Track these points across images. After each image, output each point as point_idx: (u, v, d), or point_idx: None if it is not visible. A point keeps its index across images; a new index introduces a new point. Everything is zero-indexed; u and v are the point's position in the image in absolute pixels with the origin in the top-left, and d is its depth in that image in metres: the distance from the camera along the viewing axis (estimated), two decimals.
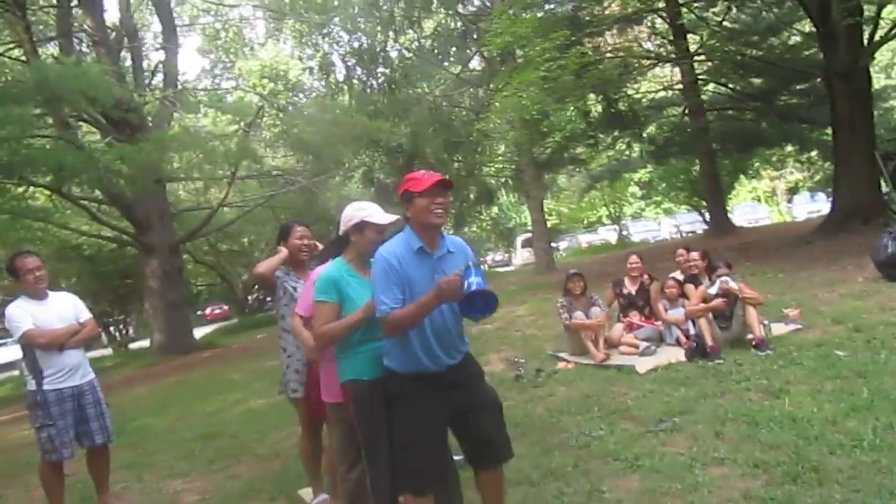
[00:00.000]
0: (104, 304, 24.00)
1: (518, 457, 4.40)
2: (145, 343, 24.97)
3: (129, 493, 5.50)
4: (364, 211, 3.41)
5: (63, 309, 4.94)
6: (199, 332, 20.49)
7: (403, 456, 3.11)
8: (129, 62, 18.50)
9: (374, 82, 23.44)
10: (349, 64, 24.38)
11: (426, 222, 3.05)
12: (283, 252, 4.29)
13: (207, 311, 39.08)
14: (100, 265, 22.90)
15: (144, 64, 19.55)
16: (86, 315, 5.05)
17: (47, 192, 15.92)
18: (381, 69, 23.30)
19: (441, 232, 3.15)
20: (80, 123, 17.32)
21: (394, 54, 23.69)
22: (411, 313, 2.97)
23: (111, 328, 25.74)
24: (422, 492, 3.14)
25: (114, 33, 18.11)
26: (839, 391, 4.59)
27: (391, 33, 22.49)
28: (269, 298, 33.03)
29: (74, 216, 19.47)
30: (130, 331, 28.38)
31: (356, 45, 23.40)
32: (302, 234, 4.28)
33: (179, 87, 18.06)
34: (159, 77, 20.10)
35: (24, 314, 4.73)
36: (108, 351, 24.10)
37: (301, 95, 29.52)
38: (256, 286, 32.13)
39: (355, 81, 24.02)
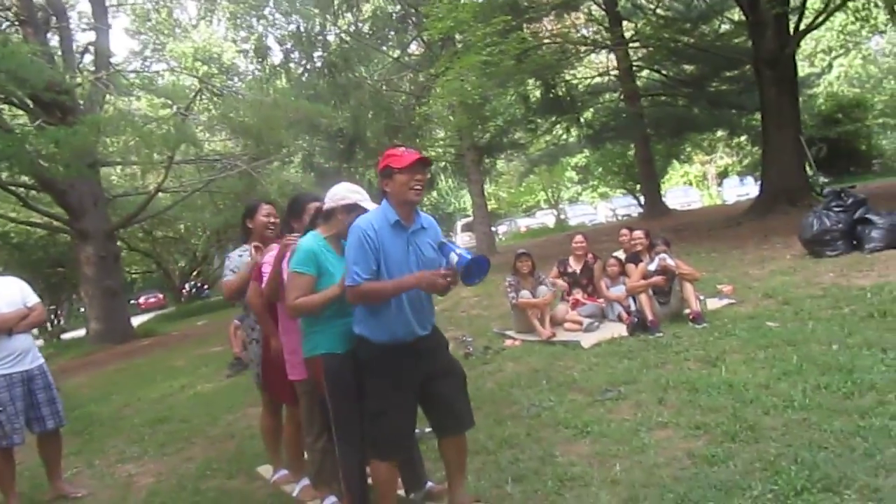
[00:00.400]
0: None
1: (474, 428, 4.58)
2: (77, 333, 24.35)
3: (80, 478, 5.47)
4: (358, 195, 3.46)
5: (10, 293, 4.86)
6: (134, 321, 20.05)
7: (375, 424, 3.22)
8: (55, 42, 17.92)
9: (312, 66, 23.18)
10: (286, 47, 24.06)
11: (405, 199, 3.16)
12: (246, 271, 4.30)
13: (141, 299, 38.13)
14: (29, 253, 22.21)
15: (73, 45, 18.91)
16: (34, 299, 4.98)
17: None
18: (318, 53, 23.05)
19: (416, 208, 3.26)
20: (3, 106, 16.75)
21: (331, 38, 23.45)
22: (387, 289, 3.10)
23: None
24: (389, 457, 3.27)
25: (40, 12, 17.45)
26: (771, 358, 4.90)
27: (329, 17, 22.23)
28: (206, 287, 32.60)
29: (0, 203, 18.83)
30: (62, 321, 27.60)
31: (293, 27, 23.09)
32: (268, 212, 4.36)
33: (112, 69, 17.53)
34: (88, 58, 19.54)
35: None
36: (40, 341, 23.39)
37: (236, 79, 28.98)
38: (199, 280, 31.81)
39: (293, 65, 23.73)
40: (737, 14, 17.60)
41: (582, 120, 23.23)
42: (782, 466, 3.21)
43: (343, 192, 3.47)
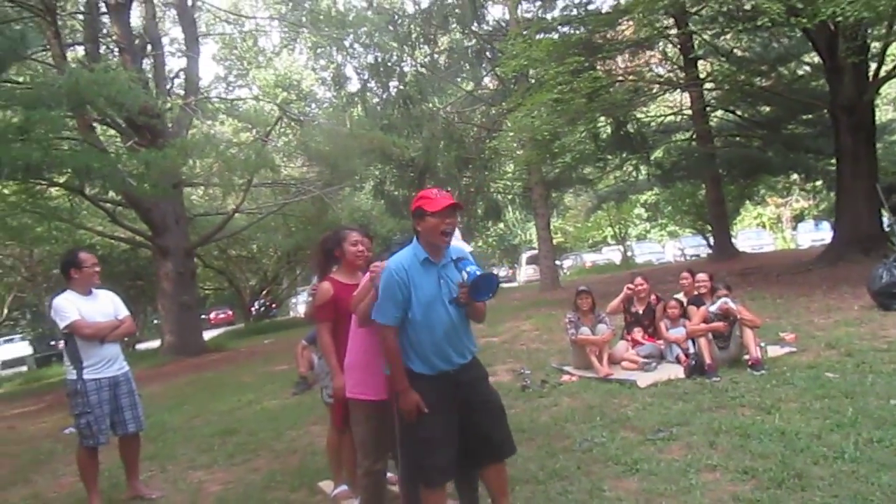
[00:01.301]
0: None
1: (525, 458, 4.77)
2: (151, 344, 25.35)
3: (154, 481, 5.82)
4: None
5: (104, 304, 5.30)
6: (205, 336, 20.82)
7: (423, 452, 3.43)
8: (147, 67, 19.00)
9: (388, 96, 23.87)
10: (363, 77, 24.86)
11: (434, 241, 3.39)
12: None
13: (212, 315, 39.43)
14: (112, 265, 23.29)
15: (164, 70, 20.00)
16: (124, 312, 5.40)
17: (65, 192, 16.37)
18: (394, 83, 23.74)
19: (446, 247, 3.48)
20: (100, 126, 17.78)
21: (407, 69, 24.12)
22: (392, 367, 3.44)
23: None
24: (438, 484, 3.47)
25: (137, 40, 18.56)
26: (826, 409, 4.92)
27: (406, 48, 22.92)
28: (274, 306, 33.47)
29: (90, 217, 19.92)
30: (138, 332, 28.76)
31: (370, 59, 23.85)
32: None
33: (201, 94, 18.48)
34: (177, 82, 20.64)
35: (72, 306, 5.09)
36: None
37: (314, 105, 29.98)
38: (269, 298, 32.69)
39: (369, 94, 24.48)
40: (815, 58, 17.42)
41: (652, 158, 23.19)
42: None
43: None
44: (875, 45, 14.34)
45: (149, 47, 18.74)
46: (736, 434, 4.70)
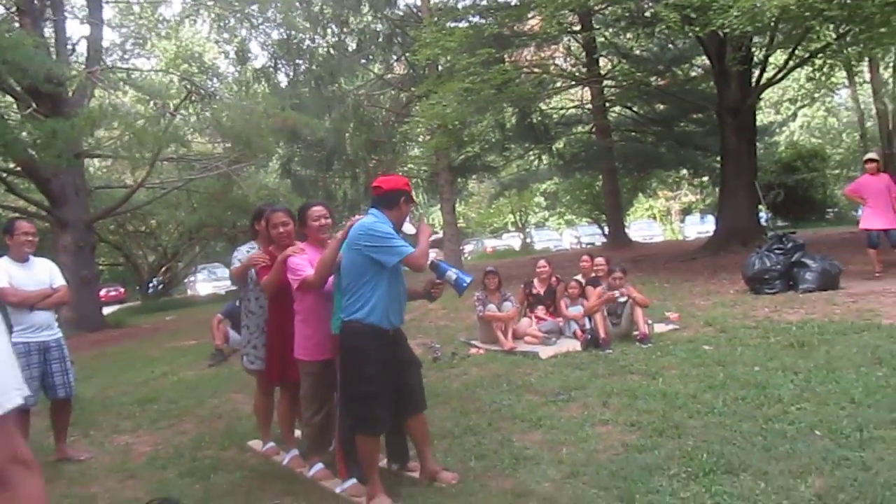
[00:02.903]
0: None
1: (441, 418, 5.30)
2: None
3: (79, 444, 5.99)
4: None
5: (40, 273, 5.43)
6: None
7: (368, 404, 3.88)
8: (47, 33, 18.28)
9: (296, 75, 23.74)
10: (270, 53, 24.56)
11: (399, 223, 4.01)
12: (247, 262, 4.90)
13: (102, 292, 38.01)
14: (0, 237, 22.31)
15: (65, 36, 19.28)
16: (60, 281, 5.53)
17: None
18: (300, 62, 23.57)
19: None
20: None
21: (319, 49, 24.02)
22: (425, 246, 3.95)
23: None
24: (378, 433, 3.96)
25: (37, 2, 17.82)
26: (702, 375, 5.67)
27: (319, 29, 22.87)
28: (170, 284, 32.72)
29: None
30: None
31: (275, 35, 23.57)
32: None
33: (107, 63, 17.95)
34: (78, 50, 19.93)
35: (3, 273, 5.21)
36: None
37: (216, 80, 29.35)
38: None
39: (280, 73, 24.27)
40: (706, 61, 18.65)
41: (554, 149, 24.15)
42: (696, 455, 3.94)
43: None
44: (759, 55, 15.56)
45: (48, 11, 18.03)
46: (625, 395, 5.36)
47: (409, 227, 4.07)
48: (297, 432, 5.06)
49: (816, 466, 3.63)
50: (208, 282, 32.55)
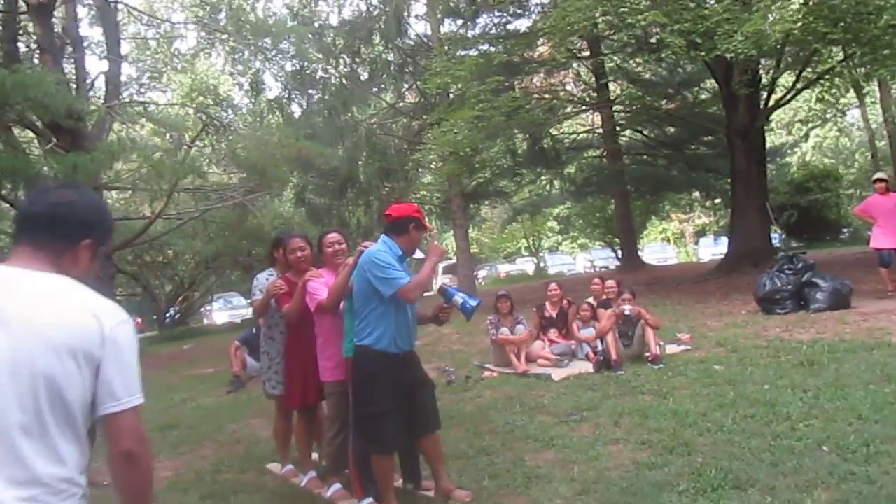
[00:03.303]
0: None
1: (455, 439, 5.40)
2: None
3: (103, 470, 6.10)
4: None
5: None
6: None
7: (380, 424, 4.01)
8: (67, 69, 18.71)
9: (310, 105, 24.14)
10: (283, 84, 25.02)
11: (410, 249, 4.15)
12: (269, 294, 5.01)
13: None
14: None
15: (85, 73, 19.72)
16: None
17: None
18: (314, 92, 23.96)
19: None
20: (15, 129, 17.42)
21: (331, 80, 24.42)
22: (425, 272, 4.08)
23: None
24: (391, 452, 4.08)
25: (57, 40, 18.28)
26: (712, 394, 5.74)
27: (331, 59, 23.29)
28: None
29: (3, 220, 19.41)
30: None
31: (288, 67, 24.00)
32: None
33: (125, 98, 18.34)
34: (97, 85, 20.35)
35: None
36: None
37: (230, 111, 29.82)
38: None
39: (294, 104, 24.69)
40: (714, 85, 18.81)
41: (565, 173, 24.34)
42: (705, 471, 4.02)
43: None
44: (766, 77, 15.71)
45: (68, 49, 18.48)
46: (636, 415, 5.44)
47: (420, 254, 4.21)
48: (314, 455, 5.19)
49: (823, 481, 3.71)
50: (224, 311, 32.82)
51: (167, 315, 30.91)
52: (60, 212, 1.86)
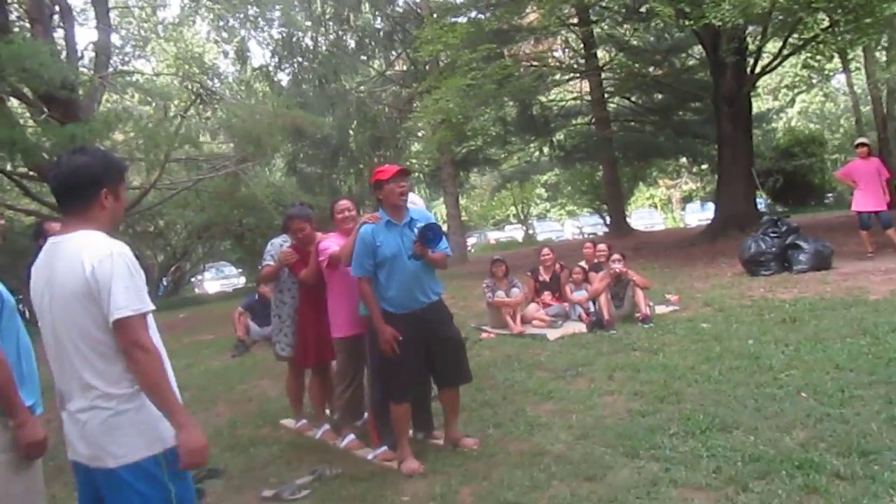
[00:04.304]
0: (14, 281, 23.77)
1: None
2: None
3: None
4: None
5: None
6: None
7: (392, 374, 4.33)
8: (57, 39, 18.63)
9: (299, 73, 24.12)
10: (271, 52, 24.90)
11: (393, 202, 4.30)
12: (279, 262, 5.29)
13: None
14: (13, 241, 22.74)
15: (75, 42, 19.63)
16: None
17: None
18: (300, 60, 23.88)
19: (406, 207, 4.37)
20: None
21: (319, 47, 24.34)
22: (369, 308, 4.34)
23: (21, 304, 25.40)
24: (403, 399, 4.37)
25: (47, 11, 18.18)
26: (699, 349, 6.11)
27: (321, 27, 23.25)
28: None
29: None
30: None
31: (275, 34, 23.87)
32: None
33: (116, 68, 18.33)
34: (87, 55, 20.29)
35: None
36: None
37: (216, 80, 29.68)
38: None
39: (274, 70, 24.59)
40: (702, 52, 18.99)
41: (554, 140, 24.53)
42: (694, 416, 4.37)
43: None
44: (753, 44, 15.92)
45: (58, 18, 18.40)
46: (629, 369, 5.79)
47: (417, 205, 4.45)
48: (327, 411, 5.50)
49: (801, 422, 4.07)
50: (216, 280, 33.09)
51: (160, 285, 31.07)
52: (72, 179, 2.35)
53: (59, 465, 4.31)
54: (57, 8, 18.13)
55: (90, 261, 2.22)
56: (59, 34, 18.66)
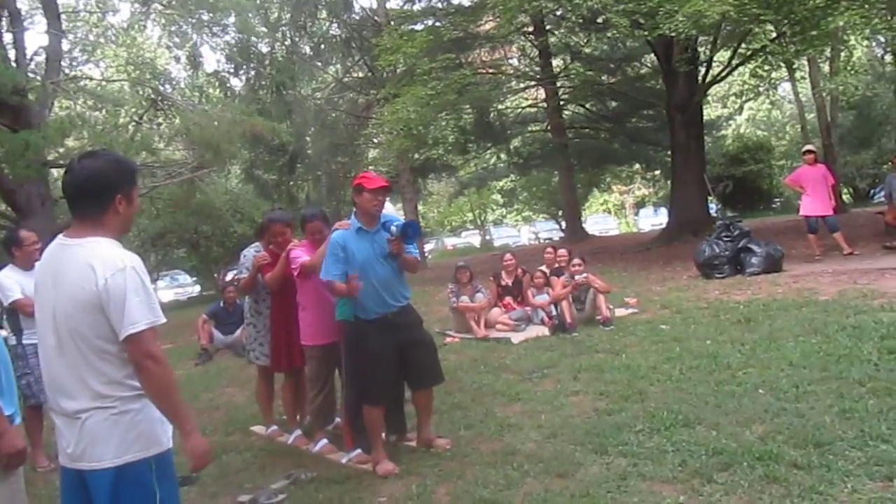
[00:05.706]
0: None
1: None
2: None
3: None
4: None
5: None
6: None
7: (365, 378, 4.42)
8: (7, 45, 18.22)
9: (255, 80, 23.98)
10: (226, 58, 24.67)
11: (367, 212, 4.41)
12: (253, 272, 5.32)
13: None
14: None
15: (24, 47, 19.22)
16: None
17: None
18: (255, 66, 23.73)
19: (378, 217, 4.48)
20: None
21: (275, 54, 24.21)
22: (336, 289, 4.41)
23: None
24: (376, 403, 4.46)
25: None
26: (660, 349, 6.31)
27: (278, 34, 23.15)
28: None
29: None
30: None
31: (229, 39, 23.66)
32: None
33: (67, 73, 17.98)
34: (36, 60, 19.86)
35: (14, 283, 5.54)
36: None
37: (168, 86, 29.25)
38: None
39: (235, 78, 24.45)
40: (655, 61, 19.44)
41: (511, 147, 24.82)
42: (658, 414, 4.55)
43: None
44: (704, 53, 16.39)
45: (4, 22, 18.00)
46: (593, 370, 5.97)
47: (392, 213, 4.56)
48: (297, 417, 5.55)
49: (759, 417, 4.27)
50: (170, 288, 32.53)
51: None
52: (87, 186, 2.38)
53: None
54: (5, 12, 17.77)
55: (103, 273, 2.25)
56: (7, 39, 18.34)
